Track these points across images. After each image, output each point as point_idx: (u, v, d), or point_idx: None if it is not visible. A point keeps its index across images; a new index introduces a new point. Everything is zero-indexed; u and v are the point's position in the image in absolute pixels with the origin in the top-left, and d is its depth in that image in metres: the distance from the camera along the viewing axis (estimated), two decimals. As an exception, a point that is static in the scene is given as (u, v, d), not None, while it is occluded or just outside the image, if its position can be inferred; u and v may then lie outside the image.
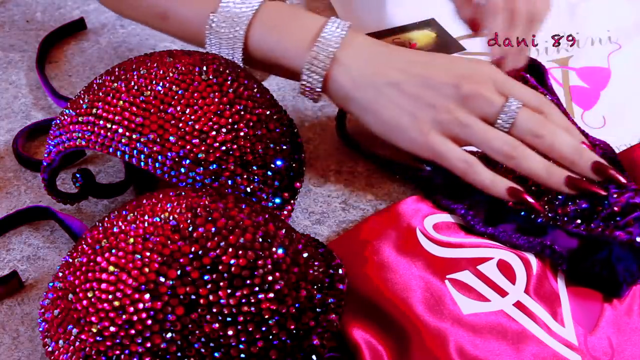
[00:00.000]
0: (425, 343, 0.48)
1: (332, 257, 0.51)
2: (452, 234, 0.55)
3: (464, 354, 0.48)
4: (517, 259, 0.53)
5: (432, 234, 0.55)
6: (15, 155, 0.64)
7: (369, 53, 0.58)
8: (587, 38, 0.76)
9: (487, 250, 0.53)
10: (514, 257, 0.53)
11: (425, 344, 0.48)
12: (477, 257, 0.53)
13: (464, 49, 0.76)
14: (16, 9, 0.82)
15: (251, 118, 0.54)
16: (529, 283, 0.52)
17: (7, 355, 0.51)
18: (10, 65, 0.75)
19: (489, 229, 0.55)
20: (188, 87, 0.53)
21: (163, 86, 0.53)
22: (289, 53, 0.59)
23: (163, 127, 0.52)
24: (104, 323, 0.42)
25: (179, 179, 0.52)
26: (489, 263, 0.52)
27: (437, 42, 0.77)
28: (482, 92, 0.55)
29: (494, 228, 0.55)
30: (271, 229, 0.47)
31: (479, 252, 0.53)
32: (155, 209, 0.46)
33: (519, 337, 0.49)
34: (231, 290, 0.43)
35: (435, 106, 0.55)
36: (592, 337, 0.50)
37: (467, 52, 0.76)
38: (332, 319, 0.46)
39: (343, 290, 0.48)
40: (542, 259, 0.54)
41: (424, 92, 0.55)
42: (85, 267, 0.45)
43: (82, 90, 0.57)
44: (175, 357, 0.42)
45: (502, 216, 0.56)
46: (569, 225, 0.54)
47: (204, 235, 0.44)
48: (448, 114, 0.55)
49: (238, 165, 0.53)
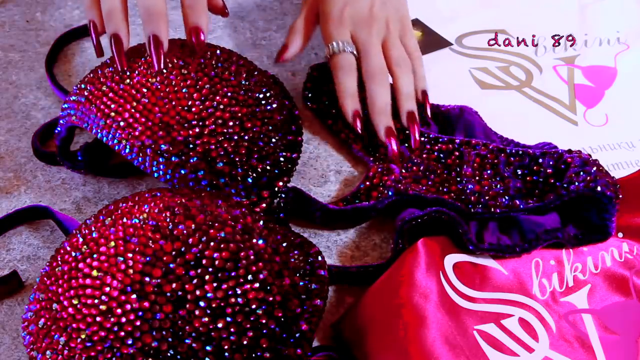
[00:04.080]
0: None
1: (310, 246, 0.52)
2: (472, 281, 0.54)
3: None
4: (535, 318, 0.53)
5: (454, 282, 0.54)
6: (34, 150, 0.65)
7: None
8: (596, 38, 0.77)
9: (507, 307, 0.53)
10: (532, 317, 0.53)
11: None
12: (499, 312, 0.53)
13: (452, 43, 0.78)
14: (16, 9, 0.82)
15: (222, 115, 0.55)
16: (551, 341, 0.52)
17: (7, 355, 0.51)
18: (10, 65, 0.75)
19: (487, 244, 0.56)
20: (164, 79, 0.54)
21: (142, 76, 0.55)
22: None
23: (133, 117, 0.54)
24: (92, 328, 0.42)
25: (145, 166, 0.54)
26: (511, 319, 0.52)
27: (424, 40, 0.78)
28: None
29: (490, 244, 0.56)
30: (249, 221, 0.48)
31: (499, 308, 0.53)
32: (132, 211, 0.46)
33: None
34: (217, 283, 0.43)
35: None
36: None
37: (454, 48, 0.77)
38: (317, 304, 0.47)
39: (325, 276, 0.49)
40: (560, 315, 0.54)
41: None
42: (67, 275, 0.45)
43: (92, 69, 0.60)
44: (168, 355, 0.42)
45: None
46: (521, 206, 0.56)
47: (184, 232, 0.44)
48: (363, 21, 0.66)
49: (202, 160, 0.54)
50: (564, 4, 0.82)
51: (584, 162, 0.56)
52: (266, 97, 0.59)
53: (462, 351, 0.49)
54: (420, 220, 0.55)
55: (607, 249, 0.56)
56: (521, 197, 0.57)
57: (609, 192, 0.54)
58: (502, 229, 0.56)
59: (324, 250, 0.58)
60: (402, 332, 0.49)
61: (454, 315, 0.51)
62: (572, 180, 0.55)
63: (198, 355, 0.42)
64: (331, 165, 0.65)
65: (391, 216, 0.58)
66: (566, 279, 0.55)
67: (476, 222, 0.57)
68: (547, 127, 0.68)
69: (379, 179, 0.60)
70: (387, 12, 0.67)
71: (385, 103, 0.63)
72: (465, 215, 0.57)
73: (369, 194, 0.60)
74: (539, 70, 0.74)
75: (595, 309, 0.53)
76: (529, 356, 0.51)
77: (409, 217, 0.55)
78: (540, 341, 0.51)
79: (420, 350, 0.48)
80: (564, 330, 0.52)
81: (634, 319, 0.53)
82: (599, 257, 0.56)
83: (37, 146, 0.63)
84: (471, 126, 0.64)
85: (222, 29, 0.79)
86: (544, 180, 0.57)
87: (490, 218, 0.57)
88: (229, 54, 0.60)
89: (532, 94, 0.71)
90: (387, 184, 0.59)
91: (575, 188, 0.55)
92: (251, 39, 0.78)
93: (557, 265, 0.55)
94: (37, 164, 0.64)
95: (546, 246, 0.56)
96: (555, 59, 0.75)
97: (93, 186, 0.62)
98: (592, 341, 0.52)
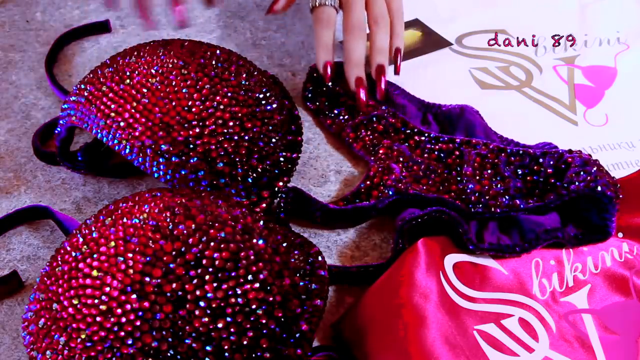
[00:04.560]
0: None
1: (310, 246, 0.51)
2: (472, 281, 0.54)
3: None
4: (535, 318, 0.53)
5: (454, 282, 0.54)
6: (34, 149, 0.64)
7: None
8: (596, 38, 0.77)
9: (507, 307, 0.53)
10: (532, 317, 0.53)
11: None
12: (499, 312, 0.53)
13: (452, 43, 0.78)
14: (16, 9, 0.82)
15: (222, 115, 0.55)
16: (551, 341, 0.52)
17: (7, 355, 0.51)
18: (10, 65, 0.75)
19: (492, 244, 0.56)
20: (164, 80, 0.54)
21: (142, 76, 0.55)
22: None
23: (133, 117, 0.54)
24: (92, 328, 0.42)
25: (145, 166, 0.54)
26: (511, 319, 0.52)
27: (424, 40, 0.78)
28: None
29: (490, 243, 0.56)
30: (249, 221, 0.48)
31: (499, 308, 0.53)
32: (133, 211, 0.46)
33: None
34: (217, 283, 0.43)
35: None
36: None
37: (454, 48, 0.77)
38: (318, 304, 0.47)
39: (325, 276, 0.49)
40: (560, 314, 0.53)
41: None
42: (67, 275, 0.44)
43: (92, 69, 0.60)
44: (168, 355, 0.42)
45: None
46: (521, 206, 0.56)
47: (184, 232, 0.44)
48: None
49: (202, 160, 0.54)
50: (564, 4, 0.82)
51: (585, 162, 0.56)
52: (266, 97, 0.59)
53: (462, 351, 0.49)
54: (420, 220, 0.55)
55: (607, 249, 0.56)
56: (521, 196, 0.57)
57: (609, 192, 0.54)
58: (502, 229, 0.56)
59: (324, 250, 0.58)
60: (402, 332, 0.49)
61: (454, 315, 0.51)
62: (573, 180, 0.55)
63: (198, 355, 0.42)
64: (331, 165, 0.65)
65: (391, 216, 0.58)
66: (566, 279, 0.55)
67: (476, 222, 0.57)
68: (547, 127, 0.68)
69: (379, 178, 0.60)
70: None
71: (359, 56, 0.67)
72: (466, 215, 0.57)
73: (369, 194, 0.60)
74: (539, 70, 0.74)
75: (595, 309, 0.53)
76: (529, 356, 0.51)
77: (409, 216, 0.55)
78: (540, 341, 0.51)
79: (420, 350, 0.48)
80: (564, 330, 0.52)
81: (634, 319, 0.53)
82: (599, 257, 0.56)
83: (38, 146, 0.63)
84: (472, 126, 0.64)
85: (222, 29, 0.79)
86: (545, 180, 0.57)
87: (490, 218, 0.57)
88: (229, 54, 0.60)
89: (532, 94, 0.71)
90: (387, 184, 0.59)
91: (575, 188, 0.55)
92: (251, 39, 0.78)
93: (557, 265, 0.55)
94: (37, 164, 0.64)
95: (546, 246, 0.55)
96: (555, 59, 0.75)
97: (93, 186, 0.62)
98: (592, 341, 0.52)
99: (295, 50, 0.77)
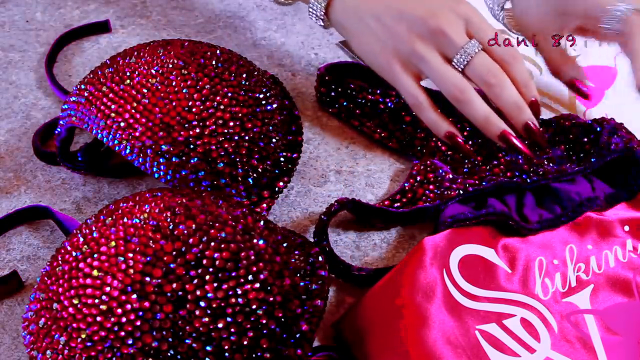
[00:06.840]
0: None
1: (310, 246, 0.51)
2: (477, 278, 0.54)
3: None
4: (537, 319, 0.53)
5: (458, 280, 0.53)
6: (34, 149, 0.64)
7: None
8: None
9: (509, 307, 0.53)
10: (534, 317, 0.53)
11: None
12: (501, 312, 0.53)
13: None
14: (16, 9, 0.82)
15: (222, 116, 0.55)
16: (553, 342, 0.52)
17: (7, 355, 0.51)
18: (10, 65, 0.75)
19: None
20: (165, 80, 0.54)
21: (142, 77, 0.54)
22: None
23: (133, 117, 0.54)
24: (92, 328, 0.42)
25: (145, 166, 0.54)
26: (513, 319, 0.52)
27: None
28: (445, 29, 0.57)
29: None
30: (250, 222, 0.48)
31: (501, 307, 0.53)
32: (133, 211, 0.46)
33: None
34: (217, 283, 0.43)
35: (402, 37, 0.58)
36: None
37: None
38: (318, 304, 0.47)
39: (325, 276, 0.49)
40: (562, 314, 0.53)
41: (397, 24, 0.59)
42: (67, 275, 0.44)
43: (92, 70, 0.60)
44: (168, 355, 0.42)
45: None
46: (568, 170, 0.58)
47: (185, 232, 0.44)
48: (409, 45, 0.58)
49: (202, 161, 0.54)
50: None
51: (614, 127, 0.59)
52: (266, 97, 0.59)
53: (464, 351, 0.49)
54: (469, 222, 0.56)
55: (611, 247, 0.56)
56: (565, 163, 0.59)
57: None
58: (539, 203, 0.58)
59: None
60: (403, 332, 0.49)
61: (455, 315, 0.51)
62: (610, 142, 0.58)
63: (198, 355, 0.42)
64: (331, 165, 0.65)
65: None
66: (569, 279, 0.55)
67: (515, 198, 0.58)
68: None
69: (423, 176, 0.60)
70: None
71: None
72: (519, 189, 0.58)
73: (415, 192, 0.60)
74: (539, 71, 0.74)
75: (598, 309, 0.53)
76: (530, 356, 0.51)
77: (461, 216, 0.56)
78: (542, 341, 0.51)
79: (421, 350, 0.48)
80: (566, 330, 0.52)
81: (636, 320, 0.53)
82: (603, 256, 0.56)
83: (38, 146, 0.63)
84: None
85: (222, 29, 0.79)
86: (580, 148, 0.60)
87: (531, 189, 0.58)
88: (229, 54, 0.60)
89: (533, 94, 0.71)
90: (445, 185, 0.58)
91: (615, 147, 0.57)
92: (251, 39, 0.78)
93: (561, 265, 0.55)
94: (37, 164, 0.64)
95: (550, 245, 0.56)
96: None
97: (93, 186, 0.62)
98: (594, 342, 0.52)
99: (295, 50, 0.77)
